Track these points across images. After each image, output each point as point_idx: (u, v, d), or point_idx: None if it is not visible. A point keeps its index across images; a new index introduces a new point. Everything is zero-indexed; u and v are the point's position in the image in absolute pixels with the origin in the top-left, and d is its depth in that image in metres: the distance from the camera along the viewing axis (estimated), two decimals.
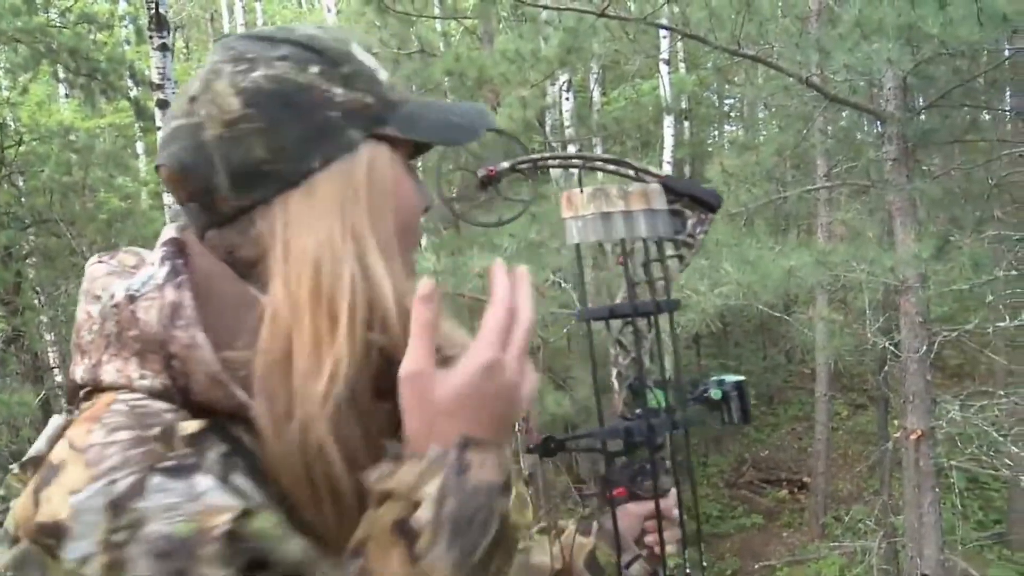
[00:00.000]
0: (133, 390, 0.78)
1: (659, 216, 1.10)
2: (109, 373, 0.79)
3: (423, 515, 0.73)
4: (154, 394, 0.78)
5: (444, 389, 0.76)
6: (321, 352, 0.79)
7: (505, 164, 1.19)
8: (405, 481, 0.75)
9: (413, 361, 0.76)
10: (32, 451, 0.85)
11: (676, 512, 1.16)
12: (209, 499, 0.72)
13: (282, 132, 0.82)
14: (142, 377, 0.78)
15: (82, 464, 0.72)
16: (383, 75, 0.89)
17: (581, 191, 1.09)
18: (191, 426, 0.75)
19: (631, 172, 1.19)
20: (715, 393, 1.19)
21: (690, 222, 1.19)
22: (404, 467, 0.75)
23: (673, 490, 1.17)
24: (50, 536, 0.70)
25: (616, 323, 1.17)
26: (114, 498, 0.69)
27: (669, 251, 1.16)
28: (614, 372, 1.17)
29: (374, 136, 0.86)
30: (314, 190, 0.82)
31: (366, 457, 0.80)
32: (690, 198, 1.18)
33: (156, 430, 0.74)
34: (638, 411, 1.13)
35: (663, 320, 1.13)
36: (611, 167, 1.20)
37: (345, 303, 0.80)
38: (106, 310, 0.81)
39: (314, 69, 0.84)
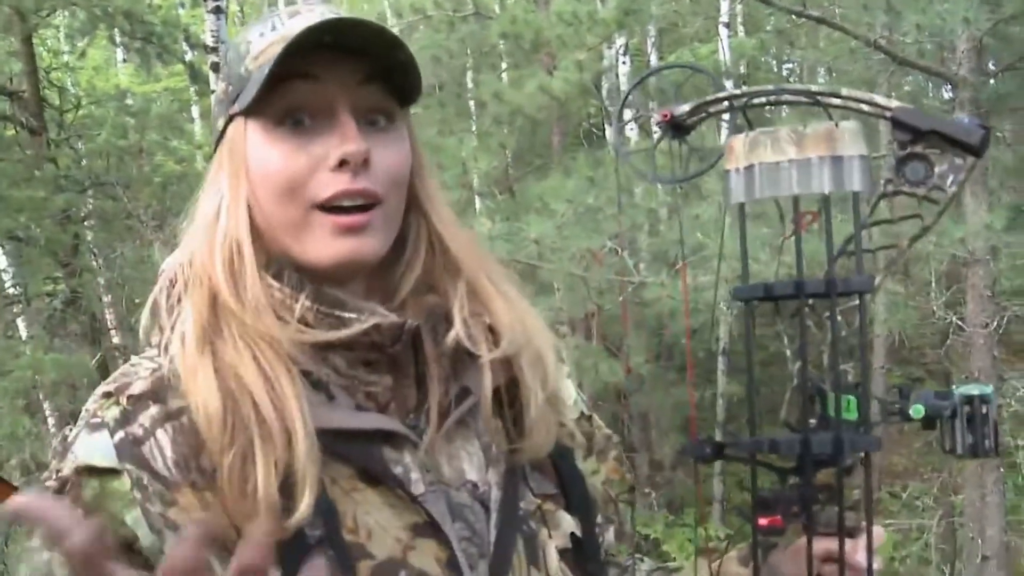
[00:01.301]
0: (150, 347, 0.94)
1: (851, 164, 0.85)
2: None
3: None
4: (157, 349, 0.92)
5: None
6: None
7: (685, 107, 0.99)
8: None
9: None
10: None
11: (863, 559, 0.91)
12: (81, 453, 0.87)
13: (212, 130, 0.99)
14: (153, 335, 0.94)
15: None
16: (258, 46, 0.92)
17: (746, 135, 0.87)
18: (140, 386, 0.89)
19: (839, 102, 0.95)
20: (916, 411, 0.94)
21: (938, 169, 0.91)
22: None
23: (863, 530, 0.92)
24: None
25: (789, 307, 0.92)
26: (64, 444, 0.89)
27: (877, 215, 0.91)
28: (795, 367, 0.91)
29: (233, 117, 0.93)
30: (207, 174, 0.97)
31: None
32: (938, 136, 0.90)
33: (116, 385, 0.90)
34: (813, 420, 0.90)
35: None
36: (820, 100, 0.93)
37: (201, 254, 0.92)
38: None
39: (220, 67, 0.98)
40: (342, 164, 0.89)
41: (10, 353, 8.15)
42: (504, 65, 10.85)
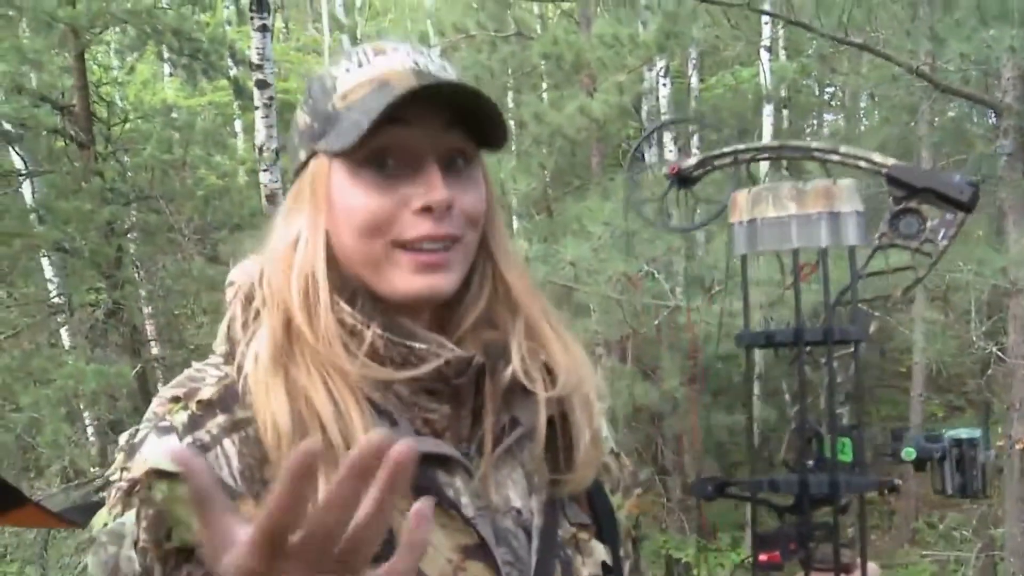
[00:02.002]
0: (215, 355, 0.99)
1: (847, 220, 0.91)
2: (215, 345, 1.01)
3: None
4: (223, 358, 0.97)
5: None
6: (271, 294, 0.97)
7: (691, 161, 1.04)
8: None
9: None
10: None
11: None
12: (151, 456, 0.89)
13: (289, 153, 1.04)
14: (219, 345, 0.99)
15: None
16: (346, 84, 0.97)
17: (749, 191, 0.93)
18: (208, 393, 0.93)
19: (837, 159, 1.01)
20: (907, 453, 0.98)
21: (931, 224, 0.97)
22: None
23: (858, 567, 0.95)
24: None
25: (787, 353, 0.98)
26: (131, 443, 0.92)
27: (873, 267, 0.97)
28: (793, 410, 0.97)
29: (317, 152, 0.98)
30: (286, 201, 1.02)
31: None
32: (932, 193, 0.96)
33: (184, 390, 0.94)
34: (810, 462, 0.94)
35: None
36: (820, 156, 1.00)
37: (277, 280, 0.96)
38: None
39: (302, 97, 1.03)
40: (426, 210, 0.93)
41: (53, 362, 8.29)
42: (544, 86, 10.91)
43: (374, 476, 0.61)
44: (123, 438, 0.93)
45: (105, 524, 0.89)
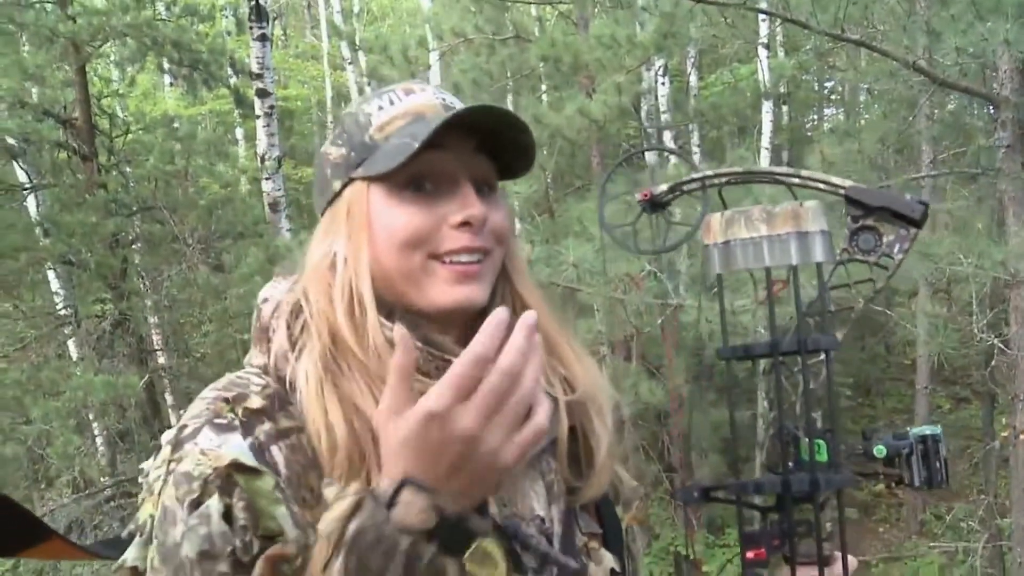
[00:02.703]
0: (252, 366, 1.05)
1: (814, 239, 0.98)
2: (248, 358, 1.07)
3: (327, 525, 0.83)
4: (260, 369, 1.04)
5: (396, 431, 0.82)
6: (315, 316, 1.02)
7: (663, 187, 1.12)
8: (329, 520, 0.84)
9: (383, 401, 0.85)
10: None
11: None
12: (226, 449, 0.93)
13: (314, 194, 1.12)
14: (256, 357, 1.05)
15: (197, 398, 1.00)
16: (381, 118, 1.06)
17: (722, 214, 1.01)
18: (256, 402, 0.98)
19: (798, 182, 1.08)
20: (878, 451, 1.06)
21: (887, 239, 1.05)
22: (337, 503, 0.85)
23: (839, 559, 1.03)
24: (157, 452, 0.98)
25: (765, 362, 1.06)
26: (178, 437, 0.95)
27: (836, 280, 1.04)
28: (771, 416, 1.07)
29: (353, 179, 1.05)
30: (317, 230, 1.09)
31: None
32: (886, 211, 1.04)
33: (232, 394, 0.98)
34: (790, 463, 1.02)
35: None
36: (782, 179, 1.08)
37: (319, 299, 1.03)
38: (256, 311, 1.09)
39: (329, 138, 1.11)
40: (464, 224, 1.02)
41: (61, 374, 8.34)
42: (543, 88, 10.93)
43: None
44: (169, 435, 0.97)
45: (152, 515, 0.94)
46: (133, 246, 9.92)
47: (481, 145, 1.04)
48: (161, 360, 10.46)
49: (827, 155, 7.04)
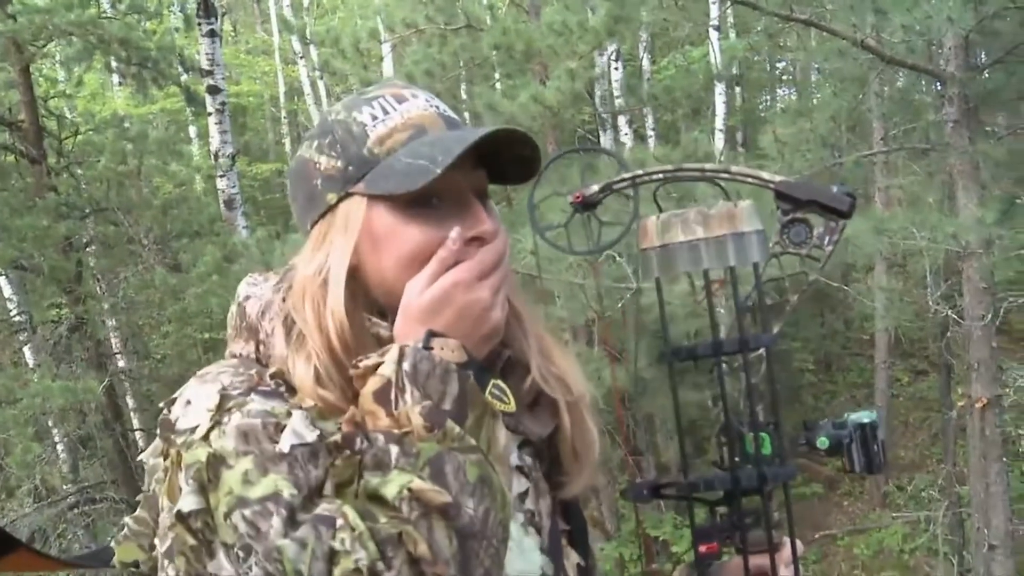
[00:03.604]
0: (240, 356, 1.08)
1: (750, 239, 1.01)
2: (231, 349, 1.10)
3: (385, 370, 0.94)
4: (251, 360, 1.07)
5: (423, 297, 0.98)
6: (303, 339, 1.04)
7: (595, 187, 1.14)
8: (384, 366, 0.95)
9: (415, 279, 1.00)
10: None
11: (790, 572, 1.09)
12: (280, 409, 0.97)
13: (297, 200, 1.11)
14: (242, 348, 1.08)
15: (196, 379, 1.02)
16: (379, 130, 1.05)
17: (658, 217, 1.02)
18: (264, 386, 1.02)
19: (728, 178, 1.09)
20: (821, 442, 1.10)
21: (816, 232, 1.07)
22: (379, 356, 0.96)
23: (787, 544, 1.08)
24: (166, 429, 0.98)
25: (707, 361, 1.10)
26: (226, 391, 0.97)
27: (770, 273, 1.06)
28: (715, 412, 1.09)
29: (350, 194, 1.05)
30: (308, 241, 1.09)
31: None
32: (815, 204, 1.06)
33: (252, 371, 1.02)
34: (736, 458, 1.04)
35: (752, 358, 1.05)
36: (713, 176, 1.10)
37: (312, 315, 1.04)
38: (235, 307, 1.11)
39: (314, 144, 1.09)
40: (476, 239, 1.04)
41: (18, 382, 8.20)
42: (497, 76, 10.91)
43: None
44: (209, 401, 0.97)
45: (201, 461, 0.93)
46: (87, 249, 9.77)
47: (480, 158, 1.05)
48: (121, 363, 10.33)
49: (780, 135, 7.12)
